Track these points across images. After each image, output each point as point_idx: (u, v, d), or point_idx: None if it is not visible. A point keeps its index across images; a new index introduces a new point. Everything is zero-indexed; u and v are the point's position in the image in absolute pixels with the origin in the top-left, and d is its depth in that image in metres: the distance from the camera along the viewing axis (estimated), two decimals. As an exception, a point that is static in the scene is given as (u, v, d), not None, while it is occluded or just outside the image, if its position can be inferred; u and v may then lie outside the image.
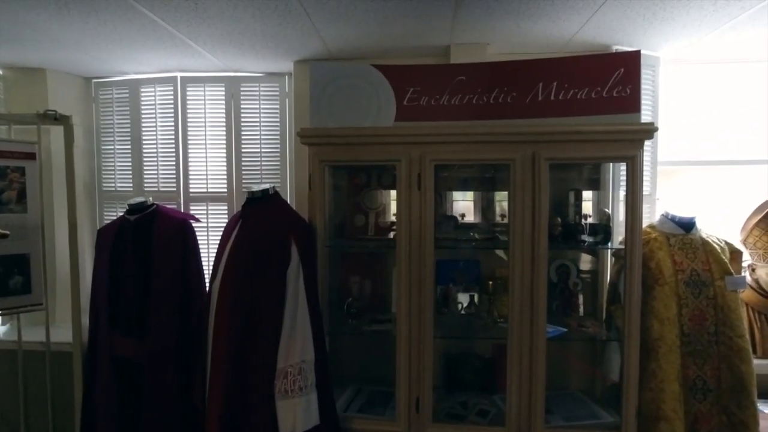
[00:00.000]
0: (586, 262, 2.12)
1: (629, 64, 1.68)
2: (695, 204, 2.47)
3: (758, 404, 1.98)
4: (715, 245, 1.91)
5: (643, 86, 2.21)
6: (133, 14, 1.75)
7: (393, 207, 2.03)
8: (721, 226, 2.27)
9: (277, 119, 2.52)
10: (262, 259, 1.64)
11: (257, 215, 1.74)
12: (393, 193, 1.93)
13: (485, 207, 2.11)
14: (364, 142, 1.72)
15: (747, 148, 2.47)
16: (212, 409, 1.65)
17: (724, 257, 1.89)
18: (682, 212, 1.94)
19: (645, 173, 2.25)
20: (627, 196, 1.65)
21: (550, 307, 2.08)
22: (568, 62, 1.74)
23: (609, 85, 1.70)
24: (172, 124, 2.52)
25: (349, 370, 2.14)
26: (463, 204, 2.17)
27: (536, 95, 1.75)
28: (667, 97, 2.40)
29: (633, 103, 1.68)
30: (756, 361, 2.10)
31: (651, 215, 2.28)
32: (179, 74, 2.50)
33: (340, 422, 1.76)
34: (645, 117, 2.23)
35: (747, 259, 2.18)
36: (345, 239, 2.10)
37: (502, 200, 2.05)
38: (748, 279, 2.18)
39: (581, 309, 2.07)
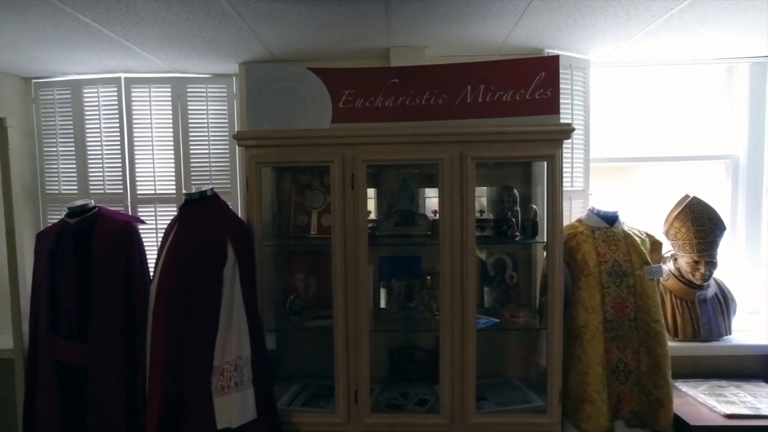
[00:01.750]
0: (522, 256, 2.23)
1: (549, 68, 1.78)
2: (627, 199, 2.63)
3: (678, 383, 2.15)
4: (635, 237, 2.04)
5: (574, 87, 2.35)
6: (63, 17, 1.74)
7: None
8: (651, 219, 2.42)
9: (226, 120, 2.54)
10: (197, 258, 1.67)
11: (194, 216, 1.77)
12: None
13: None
14: (298, 144, 1.77)
15: (675, 145, 2.63)
16: (151, 408, 1.67)
17: (644, 248, 2.03)
18: (606, 207, 2.07)
19: (578, 170, 2.41)
20: (548, 192, 1.75)
21: (489, 299, 2.20)
22: (494, 66, 1.82)
23: (531, 88, 1.79)
24: (117, 125, 2.50)
25: (297, 366, 2.19)
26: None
27: (465, 97, 1.83)
28: (599, 97, 2.54)
29: (553, 105, 1.78)
30: (678, 344, 2.28)
31: (584, 210, 2.40)
32: (123, 75, 2.48)
33: (283, 416, 1.81)
34: (576, 117, 2.36)
35: (670, 249, 2.33)
36: (289, 238, 2.14)
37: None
38: (671, 268, 2.33)
39: (517, 300, 2.18)
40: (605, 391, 1.92)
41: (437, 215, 1.86)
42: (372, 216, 2.10)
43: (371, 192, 2.10)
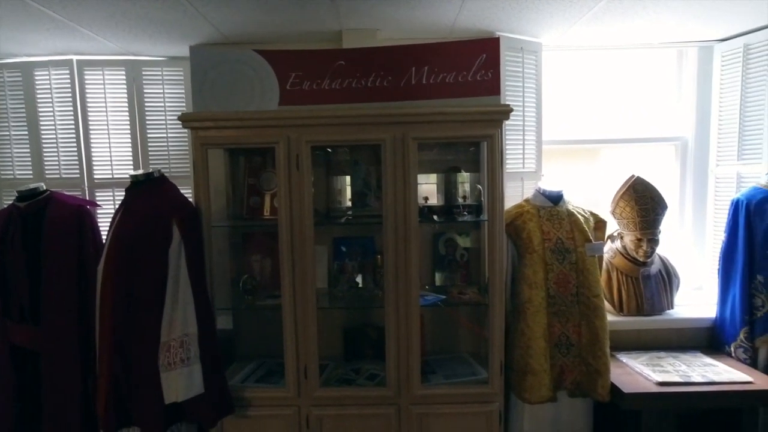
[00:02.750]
0: (473, 236, 2.29)
1: (490, 51, 1.82)
2: (583, 181, 2.71)
3: (620, 354, 2.25)
4: (579, 216, 2.11)
5: (526, 70, 2.39)
6: (0, -4, 1.72)
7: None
8: (601, 200, 2.49)
9: (183, 103, 2.52)
10: (143, 239, 1.69)
11: (140, 198, 1.79)
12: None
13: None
14: (243, 126, 1.79)
15: (628, 128, 2.69)
16: (101, 386, 1.71)
17: (587, 227, 2.10)
18: (551, 186, 2.14)
19: (530, 152, 2.46)
20: (488, 172, 1.80)
21: (440, 278, 2.26)
22: (436, 48, 1.85)
23: (473, 70, 1.83)
24: (71, 108, 2.48)
25: (254, 345, 2.24)
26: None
27: (410, 79, 1.86)
28: (554, 81, 2.59)
29: (494, 86, 1.82)
30: (622, 318, 2.38)
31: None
32: (75, 57, 2.45)
33: (235, 392, 1.86)
34: (528, 99, 2.41)
35: (618, 228, 2.42)
36: (243, 220, 2.17)
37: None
38: (618, 246, 2.42)
39: (468, 278, 2.25)
40: (548, 363, 2.01)
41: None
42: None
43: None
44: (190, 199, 1.93)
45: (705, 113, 2.62)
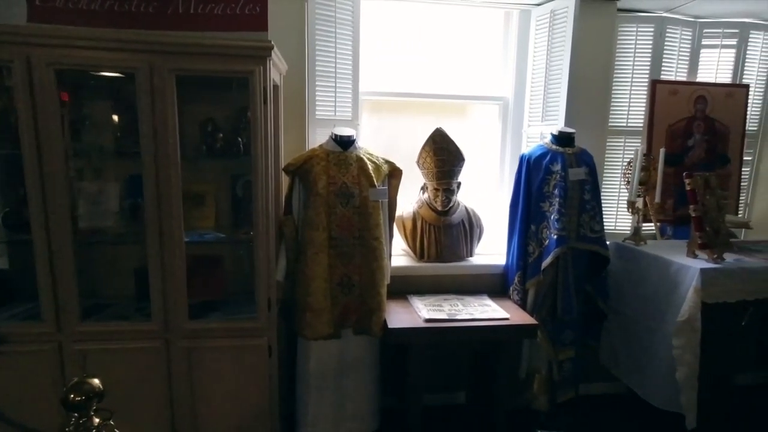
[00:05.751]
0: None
1: (257, -18, 1.77)
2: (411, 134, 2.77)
3: (413, 297, 2.40)
4: (368, 162, 2.17)
5: (339, 15, 2.36)
6: None
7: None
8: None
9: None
10: None
11: None
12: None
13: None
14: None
15: (458, 85, 2.77)
16: None
17: (376, 173, 2.16)
18: (341, 132, 2.17)
19: (344, 100, 2.47)
20: (250, 111, 1.78)
21: (237, 218, 2.26)
22: (203, -25, 1.77)
23: (242, 2, 1.78)
24: None
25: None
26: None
27: (177, 7, 1.77)
28: (376, 32, 2.59)
29: (262, 22, 1.79)
30: (421, 264, 2.52)
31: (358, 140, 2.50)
32: None
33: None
34: (343, 47, 2.39)
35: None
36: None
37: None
38: (424, 197, 2.53)
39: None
40: (328, 301, 2.10)
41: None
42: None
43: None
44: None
45: (522, 76, 2.76)
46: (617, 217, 2.86)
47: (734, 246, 2.25)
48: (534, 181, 2.32)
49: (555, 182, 2.27)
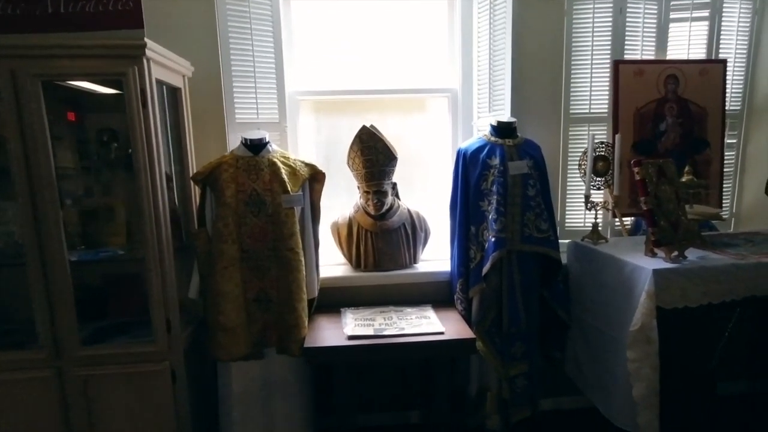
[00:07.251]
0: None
1: (128, -26, 1.62)
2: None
3: (347, 310, 2.20)
4: (282, 167, 1.99)
5: (254, 10, 2.20)
6: None
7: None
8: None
9: None
10: None
11: None
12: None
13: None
14: None
15: (403, 79, 2.57)
16: None
17: (292, 178, 1.98)
18: (252, 135, 2.00)
19: (267, 101, 2.31)
20: (127, 116, 1.63)
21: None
22: (71, -30, 1.63)
23: (114, -2, 1.63)
24: None
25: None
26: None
27: (45, 8, 1.64)
28: (315, 29, 2.42)
29: (136, 18, 1.63)
30: (358, 274, 2.33)
31: (281, 143, 2.33)
32: None
33: None
34: (261, 43, 2.23)
35: (360, 182, 2.32)
36: None
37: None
38: (359, 201, 2.33)
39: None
40: (242, 319, 1.92)
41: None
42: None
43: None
44: None
45: (469, 65, 2.54)
46: (585, 213, 2.59)
47: (702, 241, 1.97)
48: (471, 177, 2.09)
49: (493, 178, 2.04)
